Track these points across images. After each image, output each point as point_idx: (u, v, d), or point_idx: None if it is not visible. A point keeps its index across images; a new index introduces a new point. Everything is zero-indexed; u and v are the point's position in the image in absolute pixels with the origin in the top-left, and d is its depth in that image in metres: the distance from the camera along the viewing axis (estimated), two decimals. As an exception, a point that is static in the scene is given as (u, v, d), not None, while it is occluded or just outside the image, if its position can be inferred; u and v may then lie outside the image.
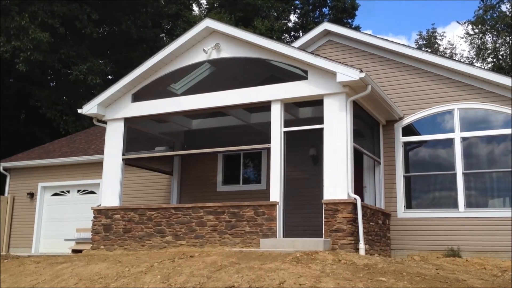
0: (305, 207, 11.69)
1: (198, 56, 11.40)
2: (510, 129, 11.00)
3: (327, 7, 36.42)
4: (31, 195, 17.05)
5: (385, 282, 6.42)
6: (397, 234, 11.55)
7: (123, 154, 11.81)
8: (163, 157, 14.57)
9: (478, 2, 38.29)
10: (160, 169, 14.39)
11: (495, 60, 32.42)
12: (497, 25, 30.97)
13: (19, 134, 27.24)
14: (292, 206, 10.70)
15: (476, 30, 32.63)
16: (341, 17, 35.14)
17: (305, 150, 12.56)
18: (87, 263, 8.68)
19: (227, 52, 11.12)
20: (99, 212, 11.62)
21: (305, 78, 10.26)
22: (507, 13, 30.43)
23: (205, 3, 36.51)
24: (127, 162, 12.15)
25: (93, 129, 19.24)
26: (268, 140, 10.52)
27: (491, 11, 30.74)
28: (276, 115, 10.40)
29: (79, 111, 12.22)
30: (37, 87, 25.77)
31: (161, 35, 31.61)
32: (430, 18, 61.68)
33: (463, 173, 11.26)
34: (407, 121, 12.03)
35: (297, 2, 36.59)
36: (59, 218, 16.64)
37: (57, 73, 27.36)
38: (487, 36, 32.74)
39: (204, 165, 14.08)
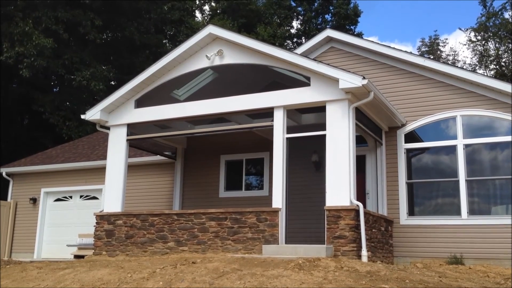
0: (307, 214, 11.66)
1: (201, 62, 11.43)
2: (511, 137, 10.99)
3: (330, 14, 36.53)
4: (34, 201, 17.08)
5: (387, 289, 6.41)
6: (400, 241, 11.52)
7: (127, 135, 11.95)
8: (165, 164, 14.59)
9: (481, 9, 38.31)
10: (163, 153, 14.45)
11: (497, 67, 32.40)
12: (499, 32, 30.97)
13: (22, 139, 27.32)
14: (294, 213, 10.69)
15: (479, 37, 32.65)
16: (343, 24, 35.21)
17: (308, 156, 12.56)
18: (89, 269, 8.68)
19: (230, 58, 11.15)
20: (102, 218, 11.62)
21: (308, 84, 10.28)
22: (510, 20, 30.45)
23: (208, 10, 36.66)
24: (131, 144, 12.32)
25: (96, 135, 19.29)
26: (270, 146, 10.54)
27: (493, 18, 30.74)
28: (279, 122, 10.42)
29: (82, 116, 12.24)
30: (41, 93, 25.88)
31: (164, 41, 31.70)
32: (434, 25, 61.83)
33: (466, 180, 11.24)
34: (409, 127, 12.03)
35: (299, 8, 36.71)
36: (61, 223, 16.66)
37: (61, 78, 27.46)
38: (489, 43, 32.74)
39: (206, 171, 14.10)
